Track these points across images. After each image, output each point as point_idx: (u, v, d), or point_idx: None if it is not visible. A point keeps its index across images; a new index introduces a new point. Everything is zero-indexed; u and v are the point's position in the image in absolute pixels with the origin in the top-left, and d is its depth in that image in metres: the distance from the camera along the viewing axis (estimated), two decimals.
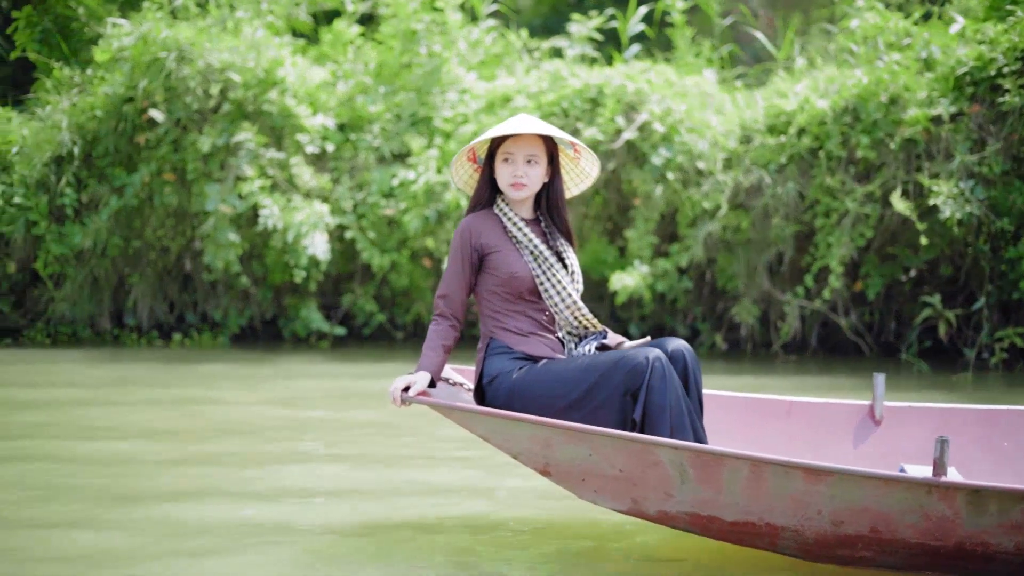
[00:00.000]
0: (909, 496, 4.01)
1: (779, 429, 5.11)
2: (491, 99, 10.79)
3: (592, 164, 4.74)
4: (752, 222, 10.12)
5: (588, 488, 4.39)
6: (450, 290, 4.57)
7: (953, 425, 5.06)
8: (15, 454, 6.29)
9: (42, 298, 11.08)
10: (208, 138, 10.42)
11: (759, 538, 4.30)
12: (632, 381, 4.28)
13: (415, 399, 4.35)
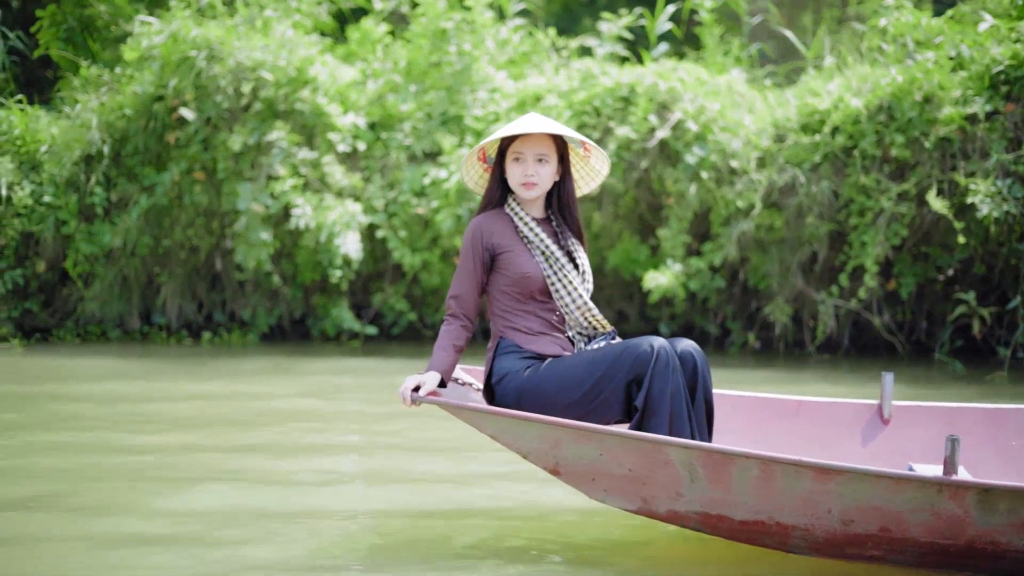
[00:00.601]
0: (919, 495, 4.04)
1: (788, 428, 5.15)
2: (522, 97, 10.78)
3: (602, 162, 4.76)
4: (786, 221, 10.10)
5: (598, 487, 4.42)
6: (462, 290, 4.59)
7: (961, 424, 5.09)
8: (63, 445, 6.46)
9: (71, 297, 11.07)
10: (239, 137, 10.42)
11: (769, 537, 4.33)
12: (637, 369, 4.31)
13: (425, 399, 4.37)
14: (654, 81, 10.38)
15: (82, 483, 5.60)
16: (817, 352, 10.44)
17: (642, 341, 4.32)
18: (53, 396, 8.24)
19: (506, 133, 4.50)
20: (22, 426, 7.12)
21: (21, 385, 8.77)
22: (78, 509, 5.12)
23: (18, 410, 7.74)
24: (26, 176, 10.81)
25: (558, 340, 4.56)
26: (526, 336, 4.56)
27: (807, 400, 5.19)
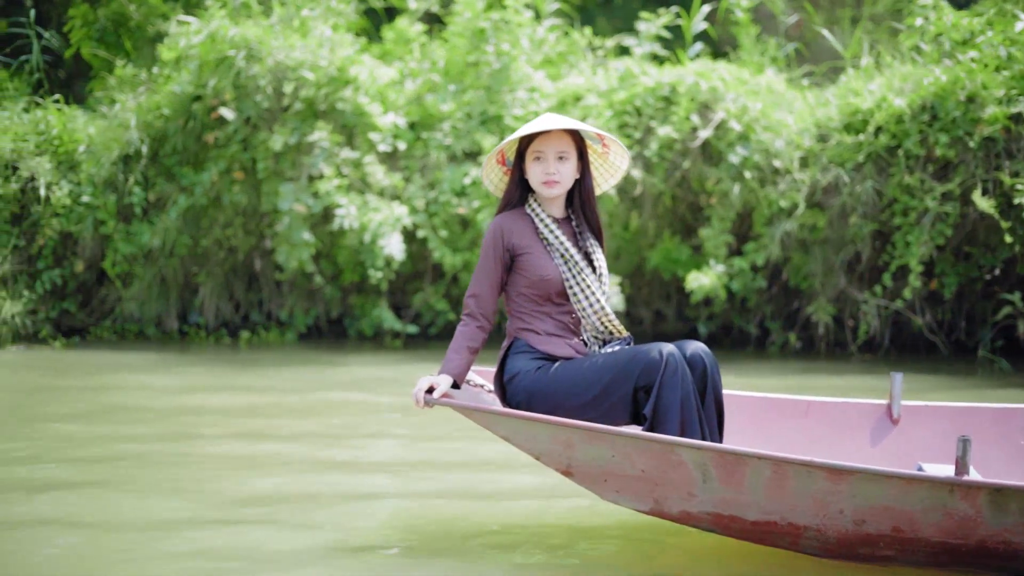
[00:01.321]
0: (931, 495, 4.07)
1: (797, 428, 5.18)
2: (562, 97, 10.78)
3: (622, 157, 4.78)
4: (829, 221, 10.09)
5: (610, 488, 4.44)
6: (481, 289, 4.60)
7: (970, 423, 5.12)
8: (123, 436, 6.67)
9: (109, 297, 11.08)
10: (280, 137, 10.42)
11: (781, 537, 4.36)
12: (646, 377, 4.34)
13: (438, 401, 4.39)
14: (695, 81, 10.35)
15: (145, 469, 5.93)
16: (859, 352, 10.40)
17: (651, 348, 4.36)
18: (106, 390, 8.48)
19: (525, 132, 4.52)
20: (81, 418, 7.36)
21: (74, 381, 8.98)
22: (140, 492, 5.40)
23: (76, 403, 7.96)
24: (64, 176, 10.81)
25: (572, 343, 4.59)
26: (539, 337, 4.58)
27: (816, 400, 5.23)
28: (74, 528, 4.85)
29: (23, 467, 5.97)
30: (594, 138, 4.70)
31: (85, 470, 5.94)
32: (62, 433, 6.92)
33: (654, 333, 11.23)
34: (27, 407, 7.92)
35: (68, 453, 6.34)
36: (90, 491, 5.47)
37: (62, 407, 7.86)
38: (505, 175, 4.80)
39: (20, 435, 6.86)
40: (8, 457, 6.21)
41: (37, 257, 10.85)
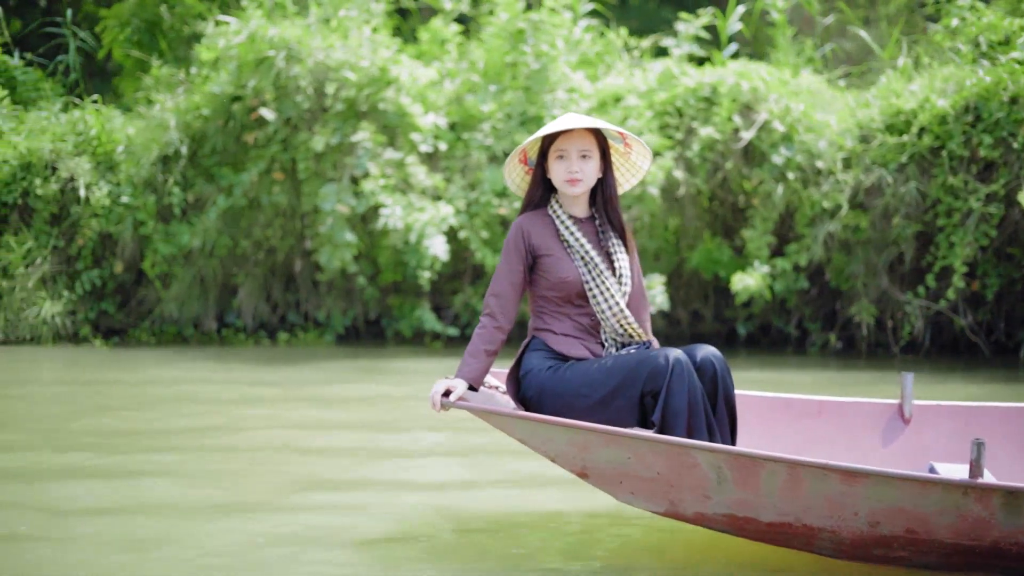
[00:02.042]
0: (945, 497, 4.10)
1: (809, 428, 5.22)
2: (602, 98, 10.79)
3: (644, 157, 4.79)
4: (871, 222, 10.10)
5: (625, 490, 4.48)
6: (501, 289, 4.61)
7: (981, 423, 5.15)
8: (177, 445, 6.68)
9: (148, 298, 11.08)
10: (322, 137, 10.42)
11: (795, 539, 4.40)
12: (652, 382, 4.37)
13: (454, 404, 4.42)
14: (736, 81, 10.36)
15: (202, 459, 6.15)
16: (900, 353, 10.41)
17: (659, 354, 4.38)
18: (152, 384, 8.72)
19: (548, 131, 4.56)
20: (133, 411, 7.58)
21: (120, 377, 9.15)
22: (194, 480, 5.62)
23: (128, 398, 8.20)
24: (103, 176, 10.83)
25: (588, 344, 4.61)
26: (556, 337, 4.61)
27: (829, 400, 5.27)
28: (142, 513, 5.10)
29: (82, 455, 6.25)
30: (616, 137, 4.72)
31: (142, 460, 6.19)
32: (116, 426, 7.14)
33: (692, 333, 11.26)
34: (79, 401, 8.11)
35: (125, 444, 6.59)
36: (148, 479, 5.73)
37: (114, 401, 8.07)
38: (527, 175, 4.82)
39: (76, 428, 7.07)
40: (67, 445, 6.47)
41: (76, 258, 10.87)
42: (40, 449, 6.47)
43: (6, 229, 10.81)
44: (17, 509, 5.21)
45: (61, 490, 5.55)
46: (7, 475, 5.87)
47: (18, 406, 7.95)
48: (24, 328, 10.50)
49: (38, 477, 5.81)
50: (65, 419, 7.44)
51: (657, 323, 11.04)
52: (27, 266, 10.62)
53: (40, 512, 5.16)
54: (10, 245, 10.61)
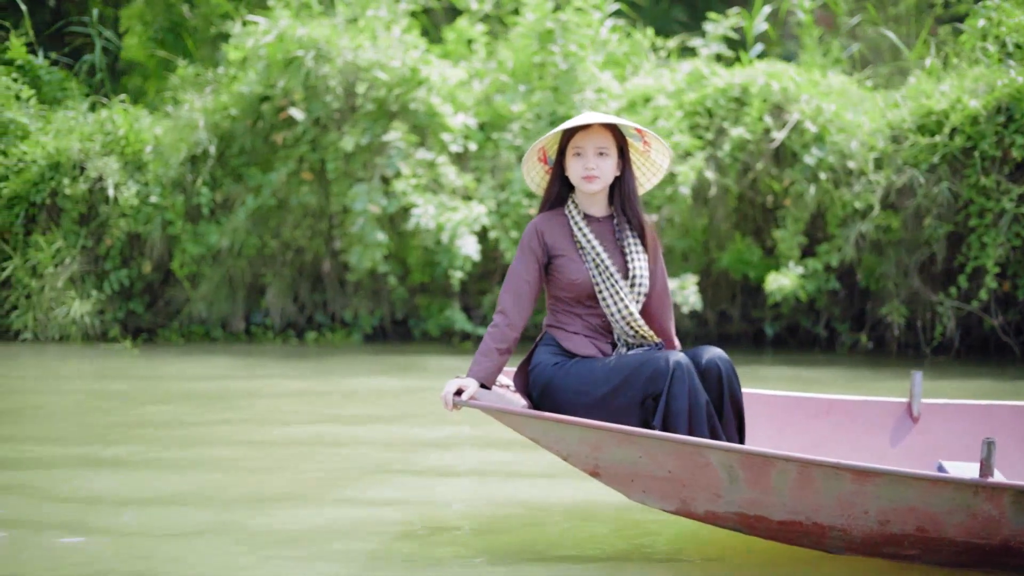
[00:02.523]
0: (956, 496, 4.16)
1: (819, 427, 5.28)
2: (631, 98, 10.79)
3: (663, 156, 4.81)
4: (903, 222, 10.09)
5: (637, 488, 4.51)
6: (515, 288, 4.63)
7: (989, 422, 5.20)
8: (217, 439, 6.82)
9: (176, 298, 11.08)
10: (352, 138, 10.41)
11: (806, 537, 4.45)
12: (653, 386, 4.41)
13: (467, 403, 4.45)
14: (767, 82, 10.36)
15: (242, 475, 6.03)
16: (931, 354, 10.40)
17: (660, 357, 4.42)
18: (190, 381, 8.84)
19: (565, 127, 4.60)
20: (175, 409, 7.67)
21: (157, 376, 9.22)
22: (248, 500, 5.51)
23: (171, 396, 8.26)
24: (131, 176, 10.81)
25: (599, 343, 4.64)
26: (566, 335, 4.65)
27: (838, 399, 5.33)
28: (198, 505, 5.21)
29: (125, 448, 6.40)
30: (634, 135, 4.74)
31: (189, 455, 6.31)
32: (158, 421, 7.26)
33: (719, 334, 11.27)
34: (119, 398, 8.20)
35: (168, 438, 6.72)
36: (195, 473, 5.86)
37: (154, 398, 8.19)
38: (547, 173, 4.84)
39: (116, 422, 7.19)
40: (109, 439, 6.60)
41: (104, 258, 10.86)
42: (84, 443, 6.62)
43: (35, 229, 10.82)
44: (71, 502, 5.34)
45: (106, 481, 5.73)
46: (53, 465, 6.06)
47: (61, 402, 8.04)
48: (53, 328, 10.49)
49: (88, 467, 5.98)
50: (106, 414, 7.58)
51: (685, 323, 11.05)
52: (56, 265, 10.60)
53: (89, 504, 5.30)
54: (39, 245, 10.61)
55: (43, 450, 6.44)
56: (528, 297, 4.60)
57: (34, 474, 5.89)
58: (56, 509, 5.22)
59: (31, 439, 6.73)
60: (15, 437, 6.77)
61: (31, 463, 6.13)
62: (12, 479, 5.77)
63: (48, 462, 6.17)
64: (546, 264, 4.65)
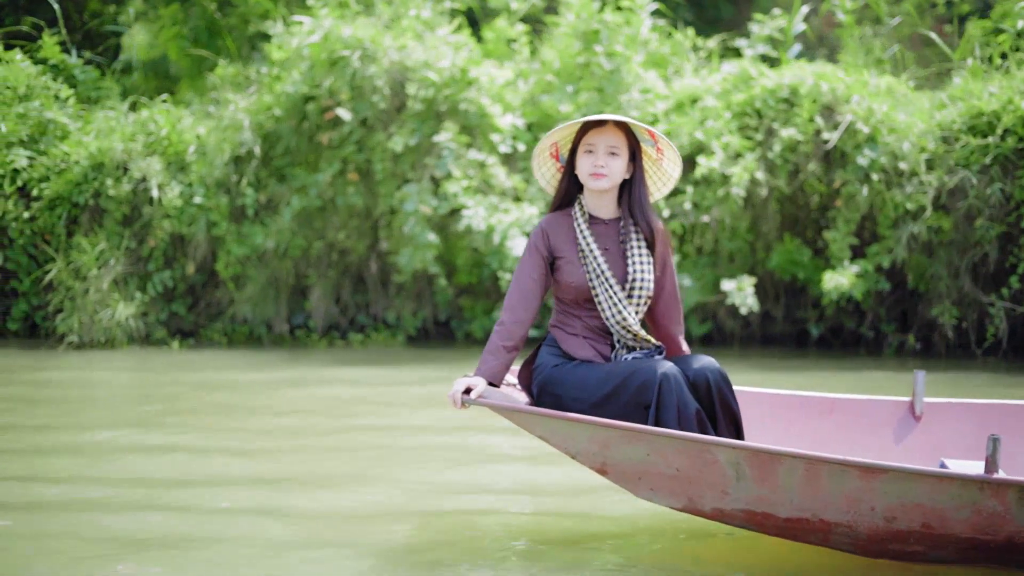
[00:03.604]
0: (962, 492, 4.21)
1: (822, 426, 5.33)
2: (679, 99, 10.77)
3: (675, 164, 4.82)
4: (954, 223, 10.10)
5: (644, 486, 4.57)
6: (522, 286, 4.68)
7: (991, 420, 5.26)
8: (288, 428, 6.86)
9: (219, 300, 11.04)
10: (400, 138, 10.36)
11: (812, 534, 4.51)
12: (642, 396, 4.46)
13: (475, 401, 4.48)
14: (816, 82, 10.36)
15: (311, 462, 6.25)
16: (983, 355, 10.42)
17: (649, 368, 4.46)
18: (249, 386, 8.84)
19: (579, 122, 4.64)
20: (241, 414, 7.70)
21: (213, 378, 9.21)
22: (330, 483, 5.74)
23: (230, 399, 8.31)
24: (173, 177, 10.75)
25: (598, 345, 4.68)
26: (566, 336, 4.69)
27: (841, 398, 5.39)
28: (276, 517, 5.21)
29: (206, 459, 6.36)
30: (648, 140, 4.75)
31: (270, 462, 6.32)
32: (235, 426, 7.31)
33: (762, 334, 11.26)
34: (186, 403, 8.22)
35: (239, 444, 6.76)
36: (281, 483, 5.86)
37: (221, 402, 8.23)
38: (559, 171, 4.87)
39: (188, 428, 7.23)
40: (190, 449, 6.58)
41: (148, 259, 10.79)
42: (172, 431, 6.71)
43: (76, 230, 10.75)
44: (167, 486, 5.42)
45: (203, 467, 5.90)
46: (146, 451, 6.20)
47: (139, 409, 8.06)
48: (99, 331, 10.42)
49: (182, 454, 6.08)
50: (189, 414, 7.69)
51: (727, 324, 11.06)
52: (100, 267, 10.53)
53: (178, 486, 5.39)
54: (83, 246, 10.54)
55: (121, 435, 6.79)
56: (534, 295, 4.64)
57: (107, 458, 6.17)
58: (133, 489, 5.59)
59: (106, 425, 6.91)
60: (102, 425, 6.90)
61: (109, 448, 6.40)
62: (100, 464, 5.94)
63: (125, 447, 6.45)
64: (551, 264, 4.69)
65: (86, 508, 5.25)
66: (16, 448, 6.50)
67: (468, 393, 4.48)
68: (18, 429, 7.03)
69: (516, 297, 4.64)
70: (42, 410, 7.75)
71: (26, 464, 6.13)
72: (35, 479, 5.79)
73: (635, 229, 4.69)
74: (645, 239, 4.68)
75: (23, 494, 5.49)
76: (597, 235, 4.68)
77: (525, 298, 4.62)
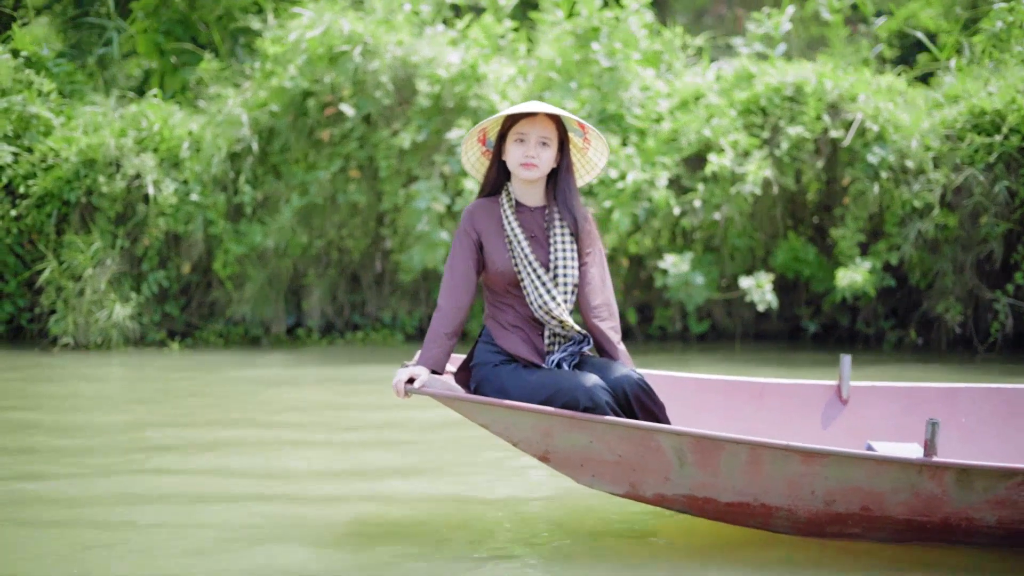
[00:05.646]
0: (901, 476, 4.40)
1: (752, 409, 5.52)
2: (683, 97, 10.80)
3: (601, 154, 4.92)
4: (960, 221, 10.26)
5: (586, 473, 4.66)
6: (456, 270, 4.74)
7: (915, 404, 5.49)
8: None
9: (215, 299, 10.80)
10: (408, 134, 10.22)
11: (752, 518, 4.66)
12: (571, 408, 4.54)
13: (418, 390, 4.55)
14: (819, 81, 10.46)
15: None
16: (984, 351, 10.59)
17: (575, 383, 4.51)
18: (272, 386, 8.72)
19: (513, 111, 4.67)
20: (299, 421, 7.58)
21: (230, 381, 9.15)
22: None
23: (259, 403, 8.21)
24: (167, 174, 10.44)
25: (529, 337, 4.73)
26: (501, 330, 4.74)
27: (770, 382, 5.58)
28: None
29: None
30: (576, 130, 4.82)
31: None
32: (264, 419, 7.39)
33: (756, 331, 11.32)
34: (214, 404, 8.20)
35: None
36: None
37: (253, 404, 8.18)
38: (483, 156, 4.93)
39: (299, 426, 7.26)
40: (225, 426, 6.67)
41: (142, 258, 10.48)
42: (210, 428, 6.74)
43: (66, 228, 10.38)
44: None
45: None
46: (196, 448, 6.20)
47: (159, 411, 7.97)
48: (94, 332, 10.09)
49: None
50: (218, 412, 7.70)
51: (723, 322, 11.12)
52: (95, 267, 10.19)
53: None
54: (76, 245, 10.21)
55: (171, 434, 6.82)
56: (471, 280, 4.71)
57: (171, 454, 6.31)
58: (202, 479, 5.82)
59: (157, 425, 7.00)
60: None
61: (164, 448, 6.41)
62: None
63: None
64: (480, 250, 4.75)
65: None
66: (172, 445, 6.63)
67: (411, 383, 4.54)
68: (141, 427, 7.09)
69: (453, 282, 4.70)
70: (152, 410, 7.76)
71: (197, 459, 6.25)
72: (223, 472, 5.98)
73: (559, 218, 4.74)
74: (570, 228, 4.73)
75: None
76: (523, 222, 4.74)
77: (462, 282, 4.68)
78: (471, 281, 4.69)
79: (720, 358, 10.17)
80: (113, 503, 5.38)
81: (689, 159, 10.86)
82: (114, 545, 4.70)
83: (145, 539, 4.78)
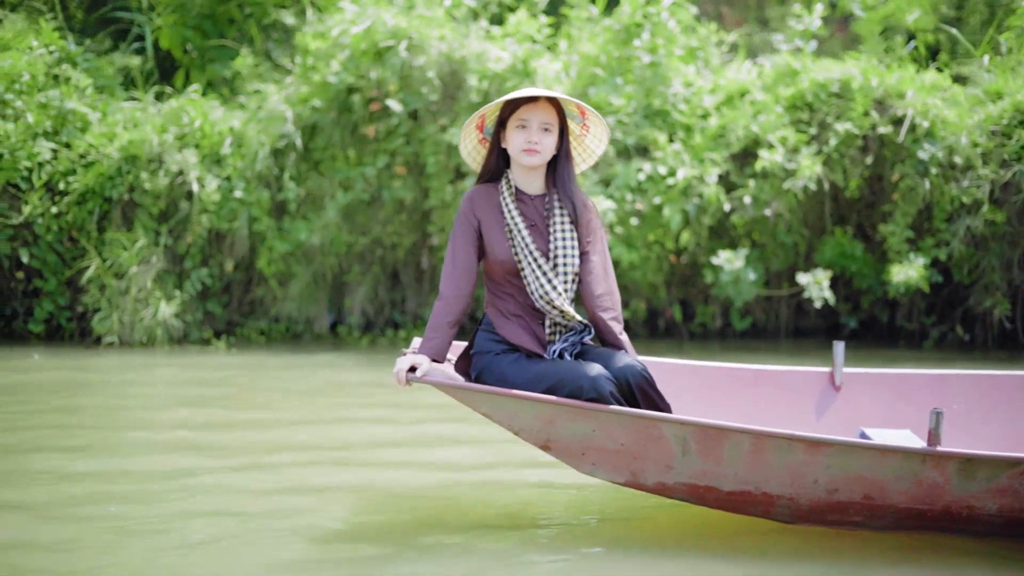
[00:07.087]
0: (904, 465, 4.46)
1: (747, 396, 5.60)
2: (729, 93, 10.78)
3: (600, 140, 4.95)
4: (1008, 216, 10.29)
5: (587, 461, 4.69)
6: (457, 258, 4.73)
7: (907, 390, 5.60)
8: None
9: (259, 296, 10.69)
10: (457, 130, 10.16)
11: (754, 506, 4.71)
12: (575, 398, 4.57)
13: (420, 379, 4.55)
14: (865, 77, 10.47)
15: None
16: None
17: (578, 373, 4.53)
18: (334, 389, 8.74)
19: (512, 97, 4.67)
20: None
21: (285, 379, 9.07)
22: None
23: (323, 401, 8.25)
24: (209, 171, 10.31)
25: (530, 326, 4.73)
26: (501, 318, 4.75)
27: (764, 369, 5.65)
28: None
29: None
30: (576, 117, 4.83)
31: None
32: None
33: (796, 326, 11.33)
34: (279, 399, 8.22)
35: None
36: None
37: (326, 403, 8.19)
38: (480, 143, 4.92)
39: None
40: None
41: (184, 256, 10.34)
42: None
43: (107, 226, 10.23)
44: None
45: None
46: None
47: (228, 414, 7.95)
48: (139, 331, 9.95)
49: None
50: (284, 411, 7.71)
51: (761, 319, 11.11)
52: (140, 264, 10.04)
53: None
54: (120, 243, 10.06)
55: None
56: (472, 267, 4.71)
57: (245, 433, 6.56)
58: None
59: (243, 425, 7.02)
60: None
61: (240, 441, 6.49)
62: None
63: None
64: (480, 237, 4.76)
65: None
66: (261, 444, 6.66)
67: (413, 371, 4.55)
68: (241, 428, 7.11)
69: (454, 270, 4.68)
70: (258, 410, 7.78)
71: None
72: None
73: (560, 205, 4.73)
74: (570, 216, 4.72)
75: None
76: (523, 210, 4.74)
77: (464, 270, 4.67)
78: (472, 268, 4.69)
79: (766, 355, 10.17)
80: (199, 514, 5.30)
81: (736, 155, 10.86)
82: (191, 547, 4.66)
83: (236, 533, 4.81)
